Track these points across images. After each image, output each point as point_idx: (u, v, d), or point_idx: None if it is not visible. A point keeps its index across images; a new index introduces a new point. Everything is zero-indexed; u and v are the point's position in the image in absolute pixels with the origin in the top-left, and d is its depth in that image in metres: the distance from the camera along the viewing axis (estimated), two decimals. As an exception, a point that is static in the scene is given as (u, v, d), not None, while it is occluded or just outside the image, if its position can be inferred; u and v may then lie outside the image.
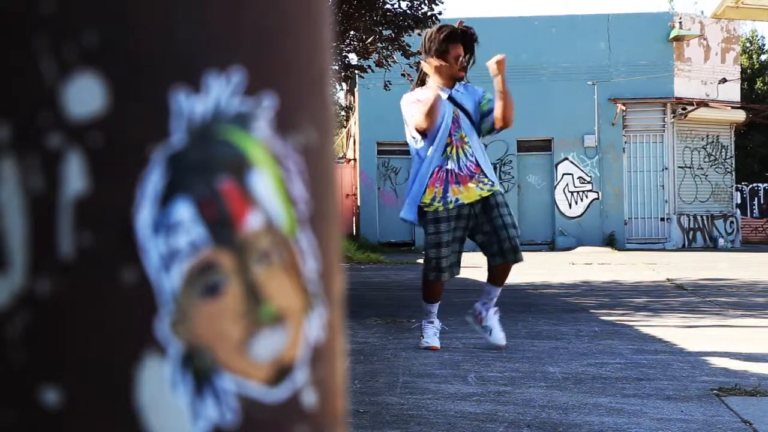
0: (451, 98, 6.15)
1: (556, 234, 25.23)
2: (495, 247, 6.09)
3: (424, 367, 5.47)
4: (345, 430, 0.70)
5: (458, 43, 6.11)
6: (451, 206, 6.07)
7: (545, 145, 25.37)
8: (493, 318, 6.19)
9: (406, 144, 6.36)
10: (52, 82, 0.59)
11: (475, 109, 6.19)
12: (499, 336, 6.16)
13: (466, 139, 6.13)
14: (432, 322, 6.33)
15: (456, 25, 6.23)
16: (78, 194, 0.59)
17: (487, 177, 6.13)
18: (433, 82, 6.16)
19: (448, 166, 6.10)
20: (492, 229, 6.09)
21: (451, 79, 6.15)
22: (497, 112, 6.07)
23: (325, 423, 0.67)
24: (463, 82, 6.24)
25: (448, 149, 6.11)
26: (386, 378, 5.08)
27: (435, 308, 6.35)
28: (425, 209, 6.14)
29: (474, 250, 6.55)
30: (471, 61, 6.19)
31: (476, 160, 6.13)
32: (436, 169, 6.10)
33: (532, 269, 15.10)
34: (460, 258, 6.23)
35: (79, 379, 0.59)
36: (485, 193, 6.09)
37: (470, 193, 6.09)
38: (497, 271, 6.18)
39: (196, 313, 0.61)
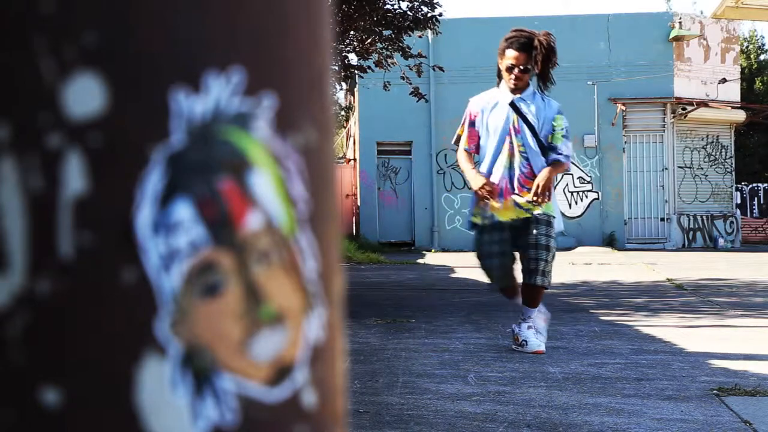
0: (513, 105, 6.03)
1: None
2: (523, 265, 6.05)
3: (424, 367, 5.47)
4: (345, 430, 0.70)
5: (515, 50, 5.94)
6: (487, 222, 6.03)
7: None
8: (525, 331, 6.06)
9: (406, 144, 6.36)
10: (52, 82, 0.59)
11: (546, 126, 6.06)
12: (533, 345, 6.01)
13: (521, 149, 6.01)
14: (526, 321, 6.06)
15: (539, 35, 6.01)
16: (78, 194, 0.60)
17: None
18: (503, 84, 6.09)
19: (497, 176, 6.01)
20: (523, 246, 6.02)
21: (515, 87, 6.03)
22: None
23: (325, 423, 0.67)
24: (541, 92, 6.09)
25: (502, 156, 6.02)
26: (386, 378, 5.08)
27: (518, 301, 6.17)
28: (472, 219, 6.14)
29: (474, 250, 6.56)
30: (530, 71, 5.98)
31: (531, 169, 6.01)
32: (489, 173, 6.04)
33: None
34: (514, 262, 6.12)
35: (79, 379, 0.59)
36: (522, 215, 6.00)
37: (508, 212, 6.01)
38: (522, 290, 6.15)
39: (196, 313, 0.61)
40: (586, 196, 25.31)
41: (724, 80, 25.59)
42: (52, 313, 0.59)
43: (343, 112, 37.45)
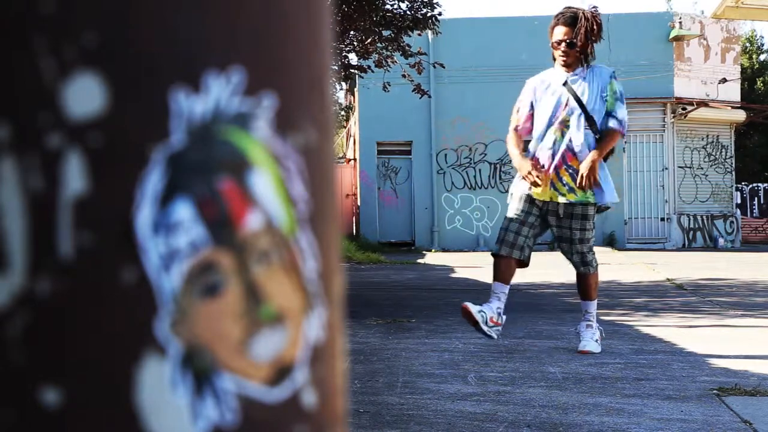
0: (566, 84, 6.04)
1: (556, 234, 25.20)
2: (568, 257, 6.11)
3: (424, 367, 5.47)
4: (345, 430, 0.70)
5: (560, 25, 6.00)
6: (525, 192, 6.03)
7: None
8: (584, 330, 6.11)
9: (406, 144, 6.37)
10: (52, 82, 0.59)
11: (597, 98, 6.02)
12: (582, 344, 6.05)
13: (568, 123, 6.00)
14: (498, 298, 6.01)
15: (586, 9, 6.08)
16: (78, 194, 0.60)
17: (573, 177, 5.96)
18: (556, 63, 6.11)
19: (543, 154, 6.01)
20: (558, 238, 6.07)
21: (564, 64, 6.04)
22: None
23: (325, 423, 0.67)
24: (586, 66, 6.06)
25: (550, 133, 6.02)
26: (386, 378, 5.08)
27: (498, 289, 6.01)
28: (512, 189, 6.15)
29: (474, 250, 6.54)
30: (575, 45, 5.97)
31: (573, 147, 5.98)
32: (537, 149, 6.04)
33: (532, 269, 15.09)
34: (529, 245, 6.04)
35: (79, 379, 0.59)
36: (556, 198, 5.99)
37: (543, 191, 5.99)
38: (578, 282, 6.20)
39: (196, 313, 0.61)
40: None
41: (724, 80, 25.60)
42: (52, 313, 0.59)
43: (343, 112, 37.45)
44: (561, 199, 5.98)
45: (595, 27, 5.99)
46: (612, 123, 6.00)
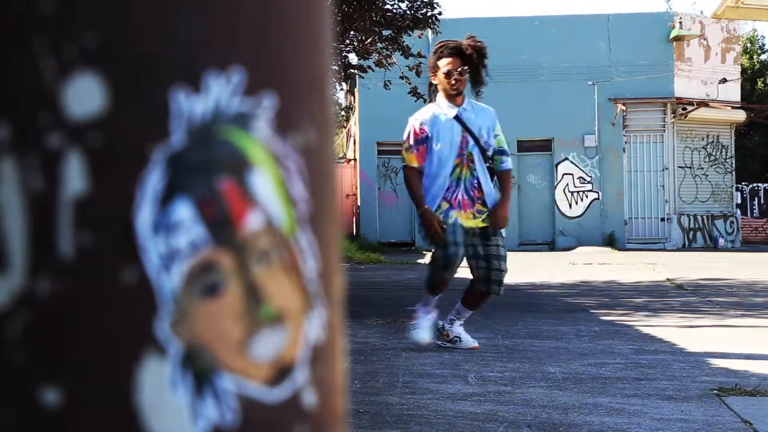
0: (458, 118, 6.15)
1: (556, 234, 25.23)
2: (483, 273, 6.14)
3: (424, 367, 5.47)
4: (345, 430, 0.70)
5: (451, 57, 6.12)
6: (450, 221, 6.13)
7: (545, 145, 25.36)
8: (458, 329, 6.25)
9: (406, 144, 6.37)
10: (52, 82, 0.59)
11: (489, 133, 6.21)
12: (469, 341, 6.22)
13: (473, 158, 6.16)
14: (430, 313, 6.30)
15: (464, 40, 6.21)
16: (78, 194, 0.59)
17: (484, 204, 6.16)
18: (440, 98, 6.21)
19: (454, 188, 6.14)
20: (485, 256, 6.14)
21: (452, 96, 6.16)
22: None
23: (325, 423, 0.67)
24: (472, 100, 6.24)
25: (457, 170, 6.15)
26: (386, 378, 5.08)
27: (436, 301, 6.35)
28: None
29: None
30: (466, 75, 6.14)
31: (479, 182, 6.17)
32: (447, 186, 6.14)
33: (532, 269, 15.10)
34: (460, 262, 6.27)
35: (79, 379, 0.59)
36: (481, 225, 6.15)
37: (468, 221, 6.16)
38: (477, 297, 6.24)
39: (196, 313, 0.61)
40: (587, 196, 25.31)
41: (724, 80, 25.60)
42: (52, 313, 0.59)
43: (343, 112, 37.44)
44: (484, 224, 6.15)
45: (482, 56, 6.16)
46: (508, 162, 6.32)
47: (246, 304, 0.63)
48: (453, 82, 6.10)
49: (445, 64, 6.12)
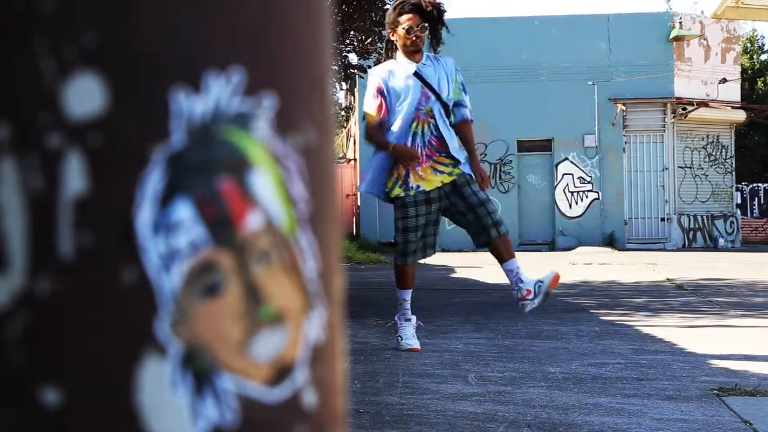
0: (417, 74, 6.08)
1: (556, 234, 25.24)
2: (477, 226, 6.03)
3: (424, 367, 5.47)
4: (345, 430, 0.70)
5: (410, 14, 6.06)
6: (412, 192, 6.02)
7: (545, 145, 25.37)
8: (525, 279, 6.01)
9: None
10: (52, 82, 0.59)
11: (449, 85, 6.12)
12: (546, 280, 5.99)
13: (432, 113, 6.06)
14: (409, 320, 6.20)
15: None
16: (78, 194, 0.59)
17: (448, 156, 6.04)
18: (399, 56, 6.14)
19: (413, 143, 6.03)
20: (468, 208, 6.02)
21: (411, 53, 6.10)
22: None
23: (325, 423, 0.67)
24: (430, 54, 6.18)
25: (414, 124, 6.05)
26: (386, 378, 5.08)
27: (408, 296, 6.20)
28: (389, 194, 6.12)
29: (474, 250, 6.59)
30: (426, 31, 6.08)
31: (440, 134, 6.05)
32: (403, 143, 6.02)
33: (532, 269, 15.08)
34: (435, 240, 6.16)
35: (79, 379, 0.59)
36: (447, 179, 6.03)
37: (431, 179, 6.02)
38: (493, 250, 6.10)
39: (196, 313, 0.61)
40: (587, 196, 25.32)
41: (724, 80, 25.61)
42: (52, 313, 0.59)
43: (343, 112, 37.44)
44: (451, 178, 6.02)
45: (440, 12, 6.11)
46: (465, 112, 6.19)
47: (246, 304, 0.63)
48: (414, 38, 6.05)
49: (405, 20, 6.06)
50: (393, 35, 6.16)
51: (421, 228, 6.07)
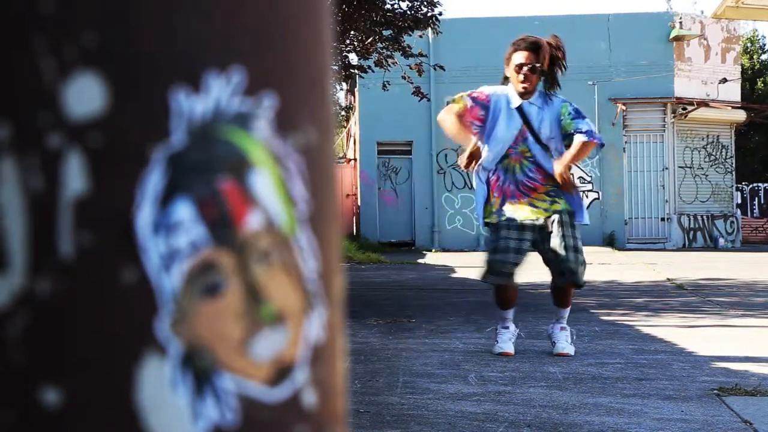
0: (520, 109, 5.90)
1: (556, 234, 25.20)
2: (552, 267, 5.92)
3: (424, 367, 5.47)
4: (345, 430, 0.70)
5: (522, 50, 5.85)
6: (504, 218, 5.90)
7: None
8: (558, 333, 5.97)
9: (407, 144, 6.30)
10: (52, 82, 0.59)
11: (552, 125, 5.90)
12: (560, 346, 5.90)
13: (528, 154, 5.89)
14: (507, 328, 6.05)
15: (549, 38, 5.98)
16: (78, 194, 0.59)
17: (549, 196, 5.87)
18: (511, 89, 5.95)
19: (506, 178, 5.90)
20: (550, 249, 5.87)
21: (521, 93, 5.88)
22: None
23: (325, 423, 0.67)
24: (546, 91, 5.94)
25: (505, 161, 5.90)
26: (386, 378, 5.08)
27: (509, 314, 6.08)
28: (485, 220, 6.02)
29: (474, 250, 6.57)
30: (539, 71, 5.85)
31: (543, 174, 5.86)
32: (495, 178, 5.92)
33: (532, 269, 15.07)
34: (518, 267, 5.99)
35: (79, 379, 0.59)
36: (541, 215, 5.86)
37: (523, 213, 5.88)
38: (553, 293, 6.08)
39: (196, 313, 0.61)
40: (587, 196, 25.28)
41: (724, 80, 25.59)
42: (52, 313, 0.59)
43: (343, 112, 37.43)
44: (545, 214, 5.88)
45: (560, 55, 5.91)
46: (578, 137, 5.84)
47: (246, 304, 0.63)
48: (522, 76, 5.83)
49: (519, 57, 5.85)
50: (507, 70, 5.96)
51: (513, 250, 5.90)
